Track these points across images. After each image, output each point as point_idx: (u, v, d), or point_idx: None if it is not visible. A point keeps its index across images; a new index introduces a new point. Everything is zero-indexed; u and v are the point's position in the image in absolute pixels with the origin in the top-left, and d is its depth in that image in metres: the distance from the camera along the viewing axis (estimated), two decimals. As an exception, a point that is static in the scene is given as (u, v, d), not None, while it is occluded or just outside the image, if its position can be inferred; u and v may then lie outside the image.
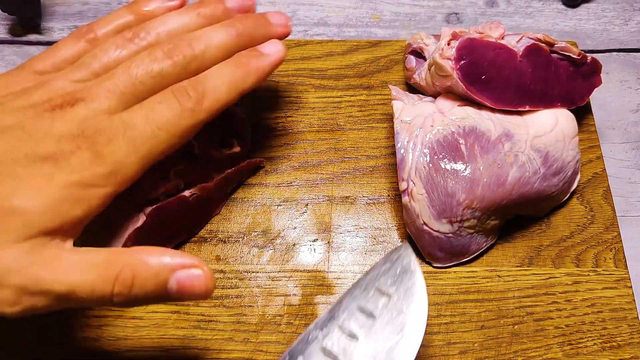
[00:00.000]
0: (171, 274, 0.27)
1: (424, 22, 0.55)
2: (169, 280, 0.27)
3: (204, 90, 0.31)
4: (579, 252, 0.39)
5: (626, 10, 0.55)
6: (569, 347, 0.36)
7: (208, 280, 0.27)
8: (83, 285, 0.26)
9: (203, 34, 0.33)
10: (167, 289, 0.27)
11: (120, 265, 0.27)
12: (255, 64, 0.33)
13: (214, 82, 0.32)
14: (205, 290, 0.27)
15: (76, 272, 0.26)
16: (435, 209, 0.36)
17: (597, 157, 0.43)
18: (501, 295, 0.38)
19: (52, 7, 0.55)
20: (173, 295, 0.27)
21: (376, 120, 0.44)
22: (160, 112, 0.30)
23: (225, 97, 0.32)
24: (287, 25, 0.36)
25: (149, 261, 0.27)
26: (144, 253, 0.27)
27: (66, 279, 0.26)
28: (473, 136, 0.37)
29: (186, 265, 0.27)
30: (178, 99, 0.30)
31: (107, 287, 0.26)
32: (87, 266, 0.27)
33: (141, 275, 0.27)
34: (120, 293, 0.26)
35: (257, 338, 0.36)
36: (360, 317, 0.30)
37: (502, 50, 0.38)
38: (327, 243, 0.40)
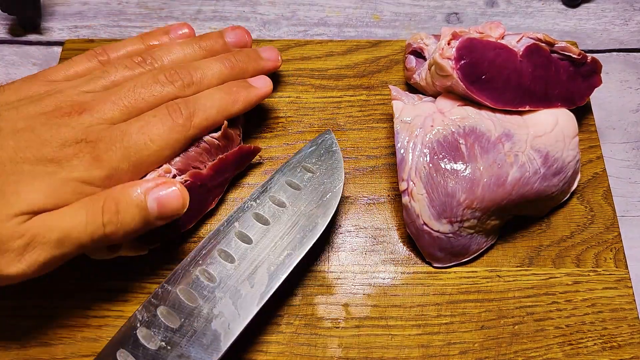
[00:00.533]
0: (148, 194, 0.31)
1: (424, 22, 0.55)
2: (147, 200, 0.31)
3: (195, 109, 0.35)
4: (579, 252, 0.39)
5: (626, 10, 0.55)
6: (569, 347, 0.36)
7: (182, 192, 0.32)
8: (76, 224, 0.30)
9: (201, 64, 0.38)
10: (149, 209, 0.31)
11: (103, 197, 0.31)
12: (244, 94, 0.38)
13: (205, 103, 0.36)
14: (183, 202, 0.31)
15: (67, 216, 0.30)
16: (435, 209, 0.36)
17: (597, 157, 0.43)
18: (501, 296, 0.38)
19: (52, 7, 0.55)
20: (155, 214, 0.31)
21: (376, 120, 0.44)
22: (154, 125, 0.34)
23: (213, 117, 0.36)
24: (277, 60, 0.42)
25: (126, 188, 0.31)
26: (120, 185, 0.32)
27: (60, 224, 0.30)
28: (473, 136, 0.37)
29: (159, 184, 0.31)
30: (171, 114, 0.34)
31: (97, 218, 0.30)
32: (75, 208, 0.30)
33: (123, 201, 0.31)
34: (110, 221, 0.30)
35: (257, 338, 0.36)
36: (288, 189, 0.37)
37: (502, 50, 0.38)
38: (327, 243, 0.40)
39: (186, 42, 0.40)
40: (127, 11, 0.55)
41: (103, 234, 0.30)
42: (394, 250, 0.39)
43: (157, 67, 0.37)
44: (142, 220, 0.31)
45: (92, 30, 0.54)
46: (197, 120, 0.35)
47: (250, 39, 0.42)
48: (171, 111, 0.34)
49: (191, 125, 0.35)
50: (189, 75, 0.37)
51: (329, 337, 0.36)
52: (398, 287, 0.38)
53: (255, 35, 0.53)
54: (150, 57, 0.38)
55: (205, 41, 0.40)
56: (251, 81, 0.39)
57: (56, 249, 0.30)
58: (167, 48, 0.39)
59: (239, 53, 0.40)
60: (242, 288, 0.33)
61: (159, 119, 0.34)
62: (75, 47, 0.48)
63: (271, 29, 0.54)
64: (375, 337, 0.36)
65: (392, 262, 0.39)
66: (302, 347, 0.36)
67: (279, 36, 0.53)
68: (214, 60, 0.38)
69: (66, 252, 0.30)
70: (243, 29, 0.42)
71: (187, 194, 0.32)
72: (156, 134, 0.34)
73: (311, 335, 0.36)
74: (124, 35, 0.53)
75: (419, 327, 0.37)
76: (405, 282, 0.38)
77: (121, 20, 0.54)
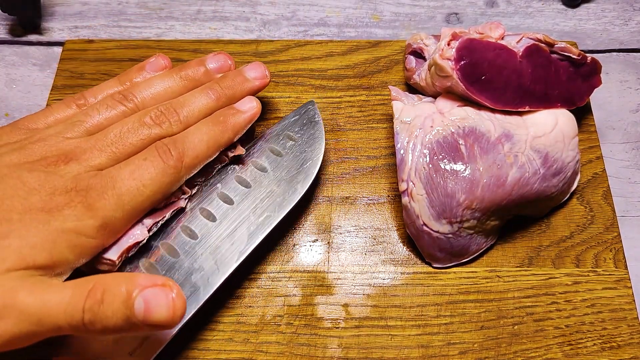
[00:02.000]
0: (138, 290, 0.26)
1: (424, 22, 0.55)
2: (136, 297, 0.26)
3: (184, 149, 0.34)
4: (579, 253, 0.39)
5: (626, 10, 0.55)
6: (568, 347, 0.36)
7: (176, 304, 0.27)
8: (56, 301, 0.27)
9: (186, 99, 0.36)
10: (135, 308, 0.26)
11: (93, 281, 0.27)
12: (232, 120, 0.37)
13: (193, 140, 0.35)
14: (173, 315, 0.26)
15: (52, 291, 0.27)
16: (435, 209, 0.36)
17: (597, 157, 0.43)
18: (501, 296, 0.38)
19: (52, 7, 0.55)
20: (140, 315, 0.26)
21: (376, 121, 0.44)
22: (145, 169, 0.32)
23: (204, 153, 0.35)
24: (265, 77, 0.39)
25: (119, 277, 0.27)
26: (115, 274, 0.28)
27: (41, 297, 0.27)
28: (473, 137, 0.37)
29: (156, 283, 0.27)
30: (161, 157, 0.33)
31: (79, 302, 0.27)
32: (63, 287, 0.27)
33: (110, 290, 0.27)
34: (90, 308, 0.26)
35: (257, 338, 0.36)
36: (270, 155, 0.39)
37: (502, 51, 0.38)
38: (327, 243, 0.40)
39: (166, 74, 0.38)
40: (127, 11, 0.55)
41: (81, 321, 0.27)
42: (394, 250, 0.39)
43: (138, 104, 0.36)
44: (123, 319, 0.26)
45: (92, 31, 0.54)
46: (187, 161, 0.34)
47: (232, 62, 0.40)
48: (161, 153, 0.33)
49: (182, 166, 0.34)
50: (174, 113, 0.35)
51: (329, 337, 0.36)
52: (398, 287, 0.38)
53: (255, 35, 0.53)
54: (130, 93, 0.36)
55: (185, 70, 0.38)
56: (238, 106, 0.38)
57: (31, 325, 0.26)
58: (147, 82, 0.37)
59: (224, 79, 0.38)
60: (222, 245, 0.35)
61: (150, 162, 0.33)
62: (75, 47, 0.48)
63: (271, 29, 0.54)
64: (375, 337, 0.36)
65: (392, 263, 0.39)
66: (302, 347, 0.36)
67: (279, 36, 0.53)
68: (198, 92, 0.37)
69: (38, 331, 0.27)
70: (224, 54, 0.40)
71: (181, 305, 0.27)
72: (148, 179, 0.32)
73: (311, 335, 0.36)
74: (124, 36, 0.53)
75: (419, 327, 0.37)
76: (405, 282, 0.38)
77: (121, 20, 0.54)
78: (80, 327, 0.27)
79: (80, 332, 0.27)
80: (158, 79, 0.38)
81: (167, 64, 0.39)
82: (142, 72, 0.39)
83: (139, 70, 0.39)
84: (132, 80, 0.38)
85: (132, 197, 0.32)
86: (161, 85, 0.37)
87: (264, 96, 0.45)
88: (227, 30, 0.54)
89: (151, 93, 0.37)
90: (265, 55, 0.47)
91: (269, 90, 0.46)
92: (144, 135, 0.34)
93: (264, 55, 0.47)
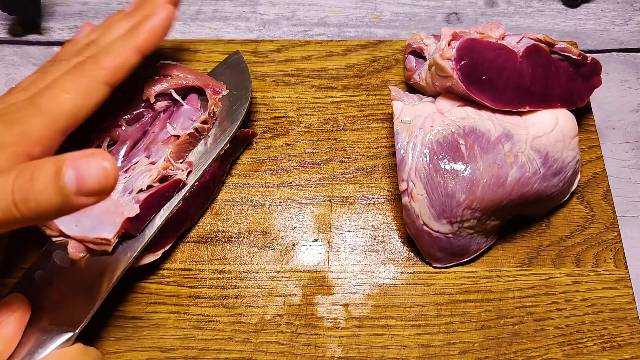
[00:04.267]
0: (68, 162, 0.25)
1: (424, 22, 0.55)
2: (66, 169, 0.25)
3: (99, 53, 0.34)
4: (579, 252, 0.39)
5: (626, 10, 0.55)
6: (569, 347, 0.36)
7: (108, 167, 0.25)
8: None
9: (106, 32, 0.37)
10: (66, 179, 0.25)
11: (21, 165, 0.27)
12: (146, 24, 0.36)
13: (106, 42, 0.36)
14: (106, 178, 0.25)
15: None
16: (435, 209, 0.36)
17: (597, 157, 0.43)
18: (501, 295, 0.38)
19: (52, 7, 0.55)
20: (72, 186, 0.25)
21: (376, 120, 0.44)
22: (62, 78, 0.33)
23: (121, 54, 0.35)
24: None
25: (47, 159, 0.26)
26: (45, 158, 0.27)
27: None
28: (473, 136, 0.37)
29: (86, 154, 0.26)
30: (77, 67, 0.34)
31: (7, 183, 0.26)
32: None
33: (39, 168, 0.26)
34: (20, 188, 0.25)
35: (257, 338, 0.36)
36: None
37: (502, 51, 0.38)
38: (327, 243, 0.40)
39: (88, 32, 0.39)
40: (127, 11, 0.55)
41: (12, 202, 0.26)
42: (394, 250, 0.39)
43: None
44: (56, 192, 0.25)
45: (92, 30, 0.54)
46: (104, 62, 0.34)
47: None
48: (78, 64, 0.34)
49: (100, 67, 0.34)
50: (95, 43, 0.36)
51: (329, 337, 0.36)
52: (398, 287, 0.38)
53: (255, 35, 0.53)
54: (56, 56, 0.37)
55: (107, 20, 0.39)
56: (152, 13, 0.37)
57: None
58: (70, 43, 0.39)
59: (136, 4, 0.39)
60: None
61: (67, 73, 0.33)
62: (75, 47, 0.48)
63: (271, 29, 0.54)
64: (375, 337, 0.36)
65: (392, 262, 0.39)
66: (302, 346, 0.36)
67: (279, 36, 0.53)
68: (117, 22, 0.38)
69: None
70: None
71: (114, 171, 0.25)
72: (66, 85, 0.32)
73: (311, 335, 0.36)
74: (124, 35, 0.53)
75: (419, 327, 0.37)
76: (405, 282, 0.38)
77: (121, 20, 0.54)
78: (12, 210, 0.26)
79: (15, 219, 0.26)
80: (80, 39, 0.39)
81: None
82: None
83: None
84: None
85: (51, 102, 0.32)
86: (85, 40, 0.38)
87: (265, 95, 0.45)
88: (227, 30, 0.54)
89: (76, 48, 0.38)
90: (265, 55, 0.47)
91: (269, 89, 0.46)
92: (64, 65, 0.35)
93: (264, 55, 0.47)
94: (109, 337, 0.36)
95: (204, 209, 0.41)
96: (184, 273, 0.38)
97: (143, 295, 0.38)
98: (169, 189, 0.36)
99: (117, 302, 0.37)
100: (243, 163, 0.43)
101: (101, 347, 0.36)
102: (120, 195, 0.35)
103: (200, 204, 0.40)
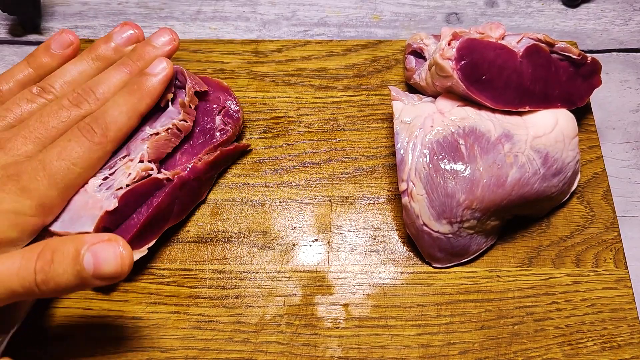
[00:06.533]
0: (87, 246, 0.28)
1: (424, 22, 0.55)
2: (85, 253, 0.28)
3: (106, 124, 0.35)
4: (579, 252, 0.39)
5: (626, 10, 0.55)
6: (569, 347, 0.36)
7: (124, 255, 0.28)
8: (7, 267, 0.28)
9: (101, 78, 0.37)
10: (84, 263, 0.28)
11: (41, 245, 0.29)
12: (146, 85, 0.37)
13: (113, 113, 0.35)
14: (121, 266, 0.28)
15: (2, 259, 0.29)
16: (435, 209, 0.36)
17: (597, 157, 0.43)
18: (501, 296, 0.38)
19: (52, 7, 0.55)
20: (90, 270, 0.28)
21: (376, 120, 0.44)
22: (72, 149, 0.34)
23: (126, 124, 0.36)
24: (172, 40, 0.40)
25: (66, 239, 0.29)
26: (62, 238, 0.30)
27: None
28: (473, 137, 0.37)
29: (103, 239, 0.28)
30: (85, 136, 0.34)
31: (30, 264, 0.28)
32: (13, 254, 0.29)
33: (59, 250, 0.28)
34: (42, 269, 0.28)
35: (257, 338, 0.36)
36: None
37: (502, 51, 0.38)
38: (327, 243, 0.40)
39: (78, 59, 0.39)
40: (127, 11, 0.55)
41: (34, 282, 0.28)
42: (394, 250, 0.39)
43: (57, 94, 0.37)
44: (75, 275, 0.28)
45: (92, 31, 0.54)
46: (111, 134, 0.35)
47: (140, 31, 0.40)
48: (84, 132, 0.34)
49: (107, 140, 0.35)
50: (91, 93, 0.36)
51: (329, 337, 0.36)
52: (398, 287, 0.38)
53: (255, 35, 0.53)
54: (47, 85, 0.37)
55: (95, 52, 0.39)
56: (149, 70, 0.38)
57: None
58: (61, 71, 0.38)
59: (134, 52, 0.39)
60: None
61: (75, 142, 0.34)
62: (75, 47, 0.48)
63: (271, 29, 0.54)
64: (375, 337, 0.36)
65: (392, 262, 0.39)
66: (302, 347, 0.36)
67: (279, 36, 0.53)
68: (112, 70, 0.38)
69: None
70: (129, 24, 0.40)
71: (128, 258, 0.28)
72: (76, 157, 0.34)
73: (311, 335, 0.36)
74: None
75: (419, 327, 0.37)
76: (405, 282, 0.38)
77: (121, 20, 0.54)
78: (34, 289, 0.28)
79: (35, 295, 0.29)
80: (72, 65, 0.38)
81: (73, 39, 0.40)
82: (49, 51, 0.39)
83: (46, 50, 0.39)
84: (42, 62, 0.39)
85: (64, 175, 0.33)
86: (75, 70, 0.38)
87: (265, 95, 0.45)
88: (227, 30, 0.54)
89: (67, 80, 0.38)
90: (265, 55, 0.47)
91: (269, 89, 0.46)
92: (64, 117, 0.35)
93: (264, 55, 0.47)
94: (108, 337, 0.36)
95: (192, 208, 0.40)
96: (184, 273, 0.38)
97: (143, 295, 0.38)
98: (146, 187, 0.36)
99: (116, 302, 0.37)
100: (243, 163, 0.43)
101: (101, 347, 0.36)
102: (97, 190, 0.36)
103: (184, 202, 0.39)
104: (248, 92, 0.46)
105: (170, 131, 0.38)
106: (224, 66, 0.47)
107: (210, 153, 0.40)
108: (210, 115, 0.41)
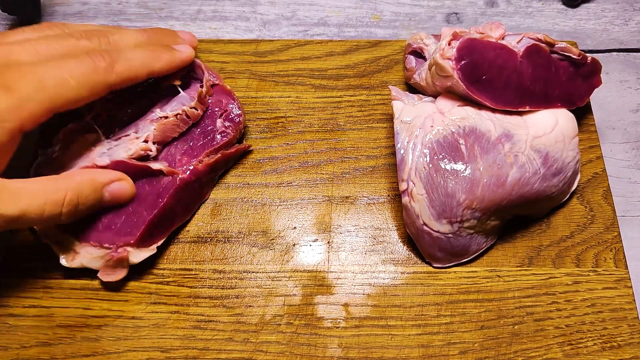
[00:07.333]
0: (105, 188, 0.35)
1: (424, 22, 0.55)
2: (104, 194, 0.35)
3: (118, 57, 0.34)
4: (579, 252, 0.39)
5: (626, 10, 0.55)
6: (569, 347, 0.36)
7: (130, 187, 0.36)
8: (34, 209, 0.31)
9: (118, 30, 0.37)
10: (103, 199, 0.35)
11: (64, 190, 0.32)
12: (167, 54, 0.37)
13: (127, 55, 0.35)
14: (130, 195, 0.37)
15: (25, 198, 0.30)
16: (435, 209, 0.36)
17: (597, 157, 0.43)
18: (501, 295, 0.38)
19: (52, 7, 0.55)
20: (106, 203, 0.36)
21: (376, 120, 0.44)
22: (74, 64, 0.32)
23: (136, 69, 0.35)
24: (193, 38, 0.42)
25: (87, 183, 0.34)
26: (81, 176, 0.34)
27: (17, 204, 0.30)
28: (473, 136, 0.37)
29: (113, 179, 0.36)
30: (92, 58, 0.33)
31: (56, 209, 0.32)
32: (35, 192, 0.31)
33: (83, 195, 0.34)
34: (68, 212, 0.33)
35: (257, 338, 0.36)
36: None
37: (502, 51, 0.38)
38: (327, 243, 0.40)
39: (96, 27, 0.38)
40: (127, 11, 0.55)
41: (58, 220, 0.33)
42: (394, 250, 0.39)
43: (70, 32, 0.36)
44: (95, 208, 0.35)
45: (92, 30, 0.53)
46: (119, 68, 0.34)
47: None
48: (92, 55, 0.33)
49: (113, 70, 0.34)
50: (105, 36, 0.35)
51: (329, 337, 0.36)
52: (398, 287, 0.38)
53: (255, 35, 0.53)
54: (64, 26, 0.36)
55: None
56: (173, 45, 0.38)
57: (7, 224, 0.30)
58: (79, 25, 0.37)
59: (155, 30, 0.40)
60: None
61: (80, 60, 0.33)
62: (75, 47, 0.48)
63: (271, 29, 0.54)
64: (375, 337, 0.36)
65: (392, 262, 0.39)
66: (302, 347, 0.36)
67: (279, 36, 0.53)
68: (131, 30, 0.38)
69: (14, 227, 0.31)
70: None
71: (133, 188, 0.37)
72: (75, 71, 0.32)
73: (311, 335, 0.36)
74: (124, 35, 0.53)
75: (419, 327, 0.37)
76: (405, 282, 0.38)
77: (121, 20, 0.54)
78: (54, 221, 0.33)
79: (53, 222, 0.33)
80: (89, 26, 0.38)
81: None
82: None
83: None
84: None
85: (55, 83, 0.31)
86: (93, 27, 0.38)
87: (265, 95, 0.45)
88: (227, 30, 0.54)
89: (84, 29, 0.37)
90: (265, 55, 0.47)
91: (269, 89, 0.46)
92: (71, 44, 0.34)
93: (264, 55, 0.47)
94: (109, 337, 0.36)
95: (195, 209, 0.40)
96: (184, 273, 0.38)
97: (143, 295, 0.38)
98: (137, 169, 0.37)
99: (116, 302, 0.37)
100: (243, 163, 0.43)
101: (101, 347, 0.36)
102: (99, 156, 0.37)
103: (186, 202, 0.39)
104: (248, 92, 0.46)
105: (179, 117, 0.39)
106: (224, 66, 0.47)
107: (211, 155, 0.40)
108: (212, 118, 0.41)
